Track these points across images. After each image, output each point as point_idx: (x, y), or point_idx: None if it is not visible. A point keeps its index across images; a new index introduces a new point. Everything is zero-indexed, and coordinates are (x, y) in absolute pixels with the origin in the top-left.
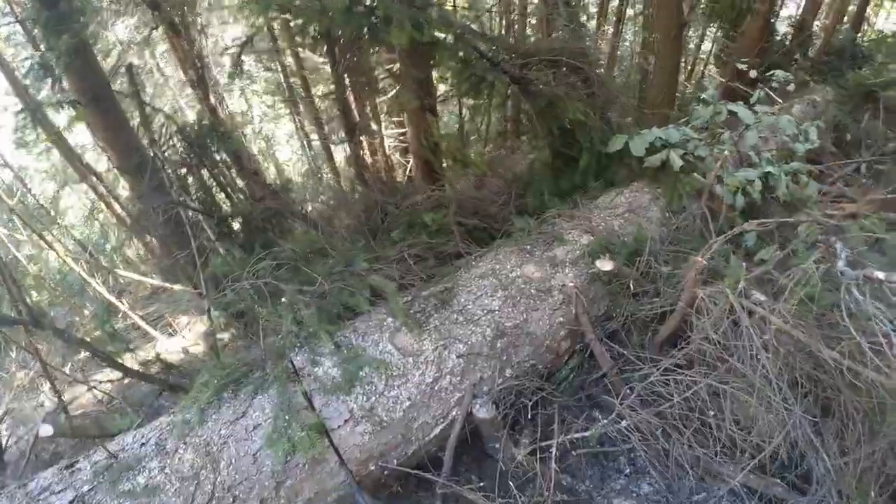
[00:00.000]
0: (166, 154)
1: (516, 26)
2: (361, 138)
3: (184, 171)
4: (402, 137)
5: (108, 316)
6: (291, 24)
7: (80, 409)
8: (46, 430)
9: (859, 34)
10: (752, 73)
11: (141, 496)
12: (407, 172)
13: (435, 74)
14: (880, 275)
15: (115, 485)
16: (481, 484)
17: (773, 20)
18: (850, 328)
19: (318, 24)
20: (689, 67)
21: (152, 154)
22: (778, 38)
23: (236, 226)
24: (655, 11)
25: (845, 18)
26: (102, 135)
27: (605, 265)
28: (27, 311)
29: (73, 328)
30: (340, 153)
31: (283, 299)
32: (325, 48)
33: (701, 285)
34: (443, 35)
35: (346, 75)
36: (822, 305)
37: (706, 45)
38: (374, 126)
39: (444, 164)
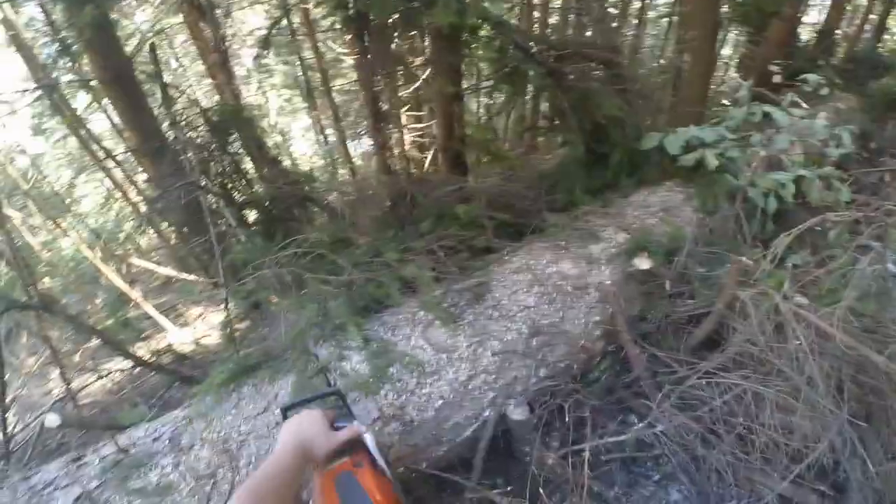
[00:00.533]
0: (188, 137)
1: (537, 16)
2: (389, 128)
3: (205, 154)
4: (423, 130)
5: (120, 305)
6: (320, 8)
7: (90, 397)
8: (53, 419)
9: (879, 43)
10: (777, 78)
11: (152, 495)
12: (426, 166)
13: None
14: None
15: (126, 481)
16: (509, 488)
17: (797, 26)
18: None
19: (353, 7)
20: None
21: (174, 136)
22: (801, 44)
23: (257, 213)
24: (692, 9)
25: (867, 27)
26: (123, 115)
27: (643, 263)
28: (39, 297)
29: (84, 316)
30: (357, 148)
31: (306, 290)
32: (354, 35)
33: (739, 287)
34: (480, 23)
35: (373, 63)
36: (868, 308)
37: (726, 50)
38: (397, 118)
39: (473, 157)
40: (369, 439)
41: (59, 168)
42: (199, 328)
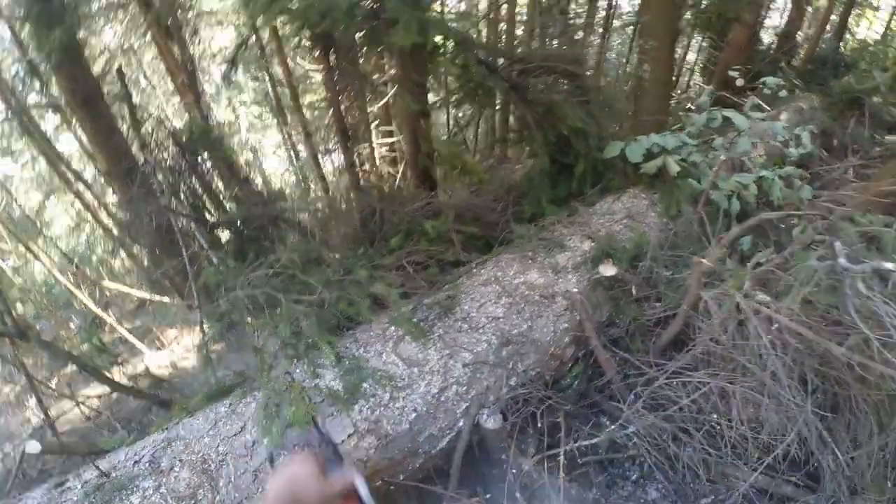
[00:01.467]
0: (157, 159)
1: (503, 29)
2: (359, 144)
3: (175, 176)
4: (391, 147)
5: (95, 329)
6: (284, 29)
7: (68, 424)
8: (33, 446)
9: (841, 43)
10: (739, 82)
11: None
12: (396, 182)
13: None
14: (890, 266)
15: None
16: (487, 496)
17: (758, 30)
18: (858, 322)
19: (320, 26)
20: (675, 77)
21: (143, 159)
22: (762, 47)
23: (229, 234)
24: (651, 19)
25: (828, 28)
26: (92, 139)
27: (607, 270)
28: (12, 324)
29: (59, 341)
30: (328, 164)
31: (279, 310)
32: (320, 53)
33: (703, 287)
34: (443, 40)
35: (340, 81)
36: (824, 302)
37: (691, 56)
38: (367, 133)
39: (440, 172)
40: (361, 486)
41: (28, 191)
42: (176, 350)
